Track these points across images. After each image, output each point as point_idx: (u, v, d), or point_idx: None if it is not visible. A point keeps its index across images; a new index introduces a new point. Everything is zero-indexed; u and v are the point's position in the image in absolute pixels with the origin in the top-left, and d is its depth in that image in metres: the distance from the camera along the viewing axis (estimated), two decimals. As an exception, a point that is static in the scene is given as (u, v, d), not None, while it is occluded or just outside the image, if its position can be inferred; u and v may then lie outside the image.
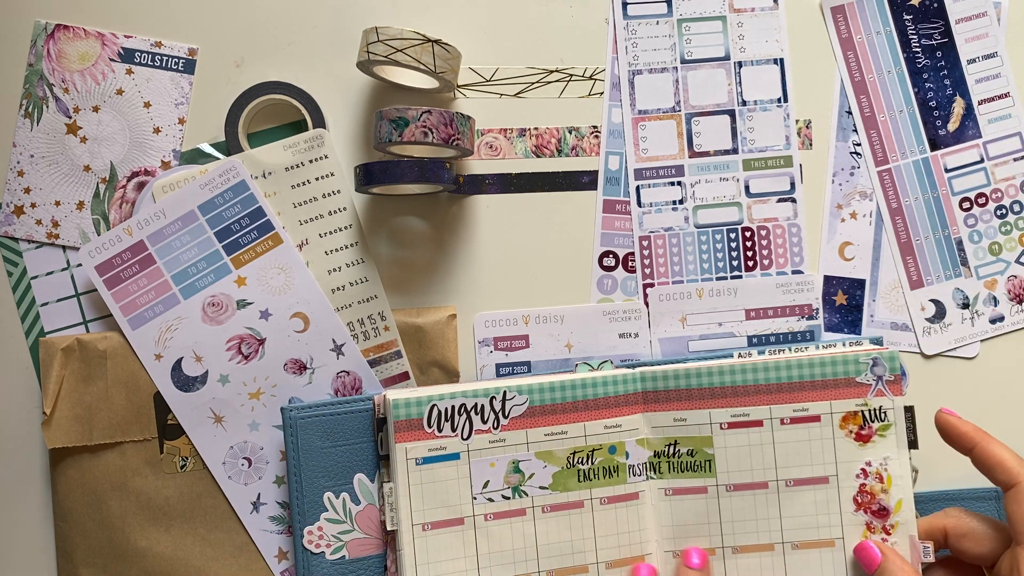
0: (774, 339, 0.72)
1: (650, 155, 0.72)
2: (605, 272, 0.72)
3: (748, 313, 0.72)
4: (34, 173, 0.70)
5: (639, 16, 0.72)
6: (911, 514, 0.66)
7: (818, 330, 0.72)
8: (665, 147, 0.72)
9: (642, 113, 0.72)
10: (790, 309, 0.72)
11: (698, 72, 0.72)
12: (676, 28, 0.72)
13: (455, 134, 0.64)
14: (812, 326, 0.72)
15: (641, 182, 0.72)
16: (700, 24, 0.72)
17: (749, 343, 0.72)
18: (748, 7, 0.72)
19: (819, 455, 0.66)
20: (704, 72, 0.72)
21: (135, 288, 0.67)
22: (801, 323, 0.72)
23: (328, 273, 0.69)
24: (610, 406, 0.66)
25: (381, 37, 0.63)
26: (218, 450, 0.68)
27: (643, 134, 0.72)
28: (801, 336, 0.72)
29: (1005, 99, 0.73)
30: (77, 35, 0.70)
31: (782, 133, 0.72)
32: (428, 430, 0.64)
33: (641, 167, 0.72)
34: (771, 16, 0.72)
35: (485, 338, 0.71)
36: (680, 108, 0.72)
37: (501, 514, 0.64)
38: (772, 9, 0.72)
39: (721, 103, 0.72)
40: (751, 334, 0.72)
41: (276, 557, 0.68)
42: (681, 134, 0.72)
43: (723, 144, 0.72)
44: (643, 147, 0.72)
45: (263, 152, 0.69)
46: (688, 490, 0.66)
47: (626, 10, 0.72)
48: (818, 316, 0.72)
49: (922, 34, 0.73)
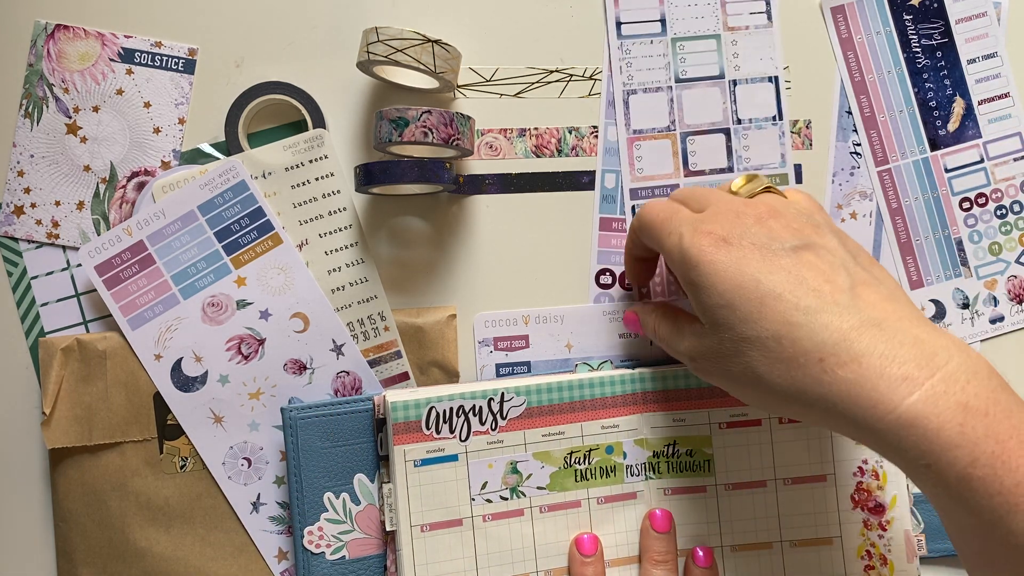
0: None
1: (645, 174, 0.72)
2: (602, 290, 0.72)
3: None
4: (34, 173, 0.70)
5: (633, 36, 0.72)
6: (905, 509, 0.66)
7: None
8: (660, 166, 0.72)
9: (637, 133, 0.72)
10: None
11: (692, 91, 0.72)
12: (670, 47, 0.72)
13: (455, 134, 0.64)
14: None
15: (636, 201, 0.72)
16: (694, 43, 0.72)
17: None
18: (742, 25, 0.72)
19: (817, 454, 0.67)
20: (699, 91, 0.72)
21: (135, 288, 0.67)
22: None
23: (328, 273, 0.69)
24: (608, 406, 0.66)
25: (381, 37, 0.63)
26: (218, 450, 0.68)
27: (638, 153, 0.72)
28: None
29: (1005, 99, 0.73)
30: (77, 35, 0.70)
31: (777, 151, 0.72)
32: (427, 432, 0.64)
33: (636, 186, 0.72)
34: (765, 34, 0.72)
35: (485, 338, 0.71)
36: (675, 127, 0.72)
37: (499, 515, 0.64)
38: (766, 27, 0.72)
39: (716, 122, 0.72)
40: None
41: (276, 557, 0.68)
42: (676, 153, 0.72)
43: (718, 163, 0.72)
44: (638, 166, 0.72)
45: (263, 152, 0.69)
46: (687, 489, 0.66)
47: (620, 30, 0.72)
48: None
49: (922, 34, 0.73)
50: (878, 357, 0.48)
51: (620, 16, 0.72)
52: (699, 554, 0.65)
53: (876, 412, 0.48)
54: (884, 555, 0.66)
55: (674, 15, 0.72)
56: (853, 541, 0.66)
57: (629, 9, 0.72)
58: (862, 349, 0.49)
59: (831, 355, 0.49)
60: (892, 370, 0.48)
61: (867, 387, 0.48)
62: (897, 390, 0.47)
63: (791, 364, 0.50)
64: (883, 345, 0.49)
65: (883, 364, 0.48)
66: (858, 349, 0.49)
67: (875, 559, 0.66)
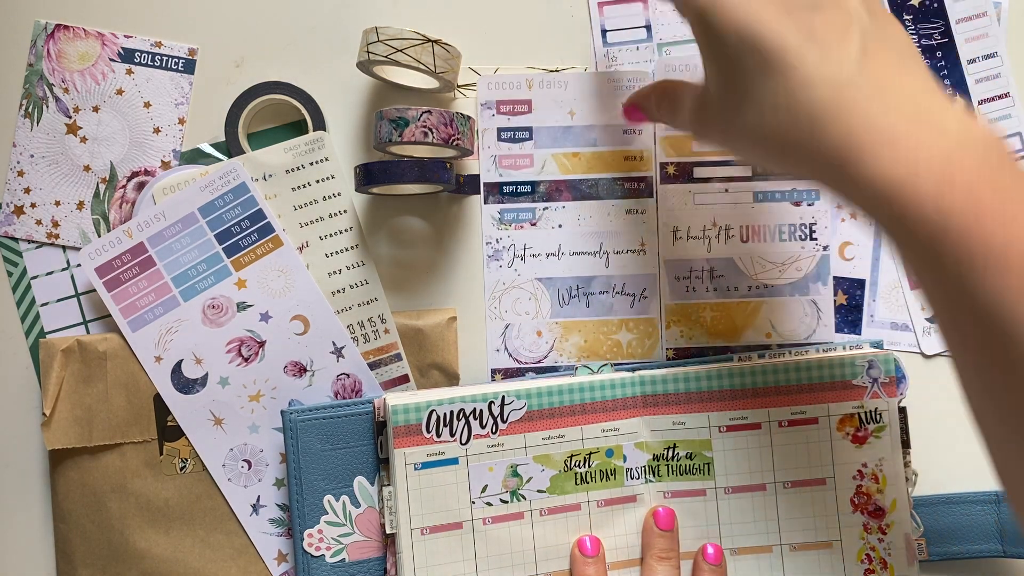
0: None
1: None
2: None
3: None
4: (34, 173, 0.70)
5: (619, 43, 0.72)
6: (905, 513, 0.66)
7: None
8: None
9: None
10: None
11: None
12: (656, 53, 0.72)
13: (455, 134, 0.64)
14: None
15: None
16: (680, 48, 0.72)
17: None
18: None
19: (816, 457, 0.67)
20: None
21: (135, 290, 0.67)
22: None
23: (328, 276, 0.69)
24: (608, 410, 0.66)
25: (381, 37, 0.63)
26: (218, 452, 0.68)
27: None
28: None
29: (1005, 99, 0.73)
30: (77, 35, 0.70)
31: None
32: (427, 435, 0.64)
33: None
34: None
35: (488, 100, 0.71)
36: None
37: (499, 518, 0.65)
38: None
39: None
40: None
41: (275, 559, 0.68)
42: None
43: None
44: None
45: (264, 154, 0.69)
46: (687, 493, 0.66)
47: (605, 37, 0.72)
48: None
49: (922, 34, 0.72)
50: (872, 117, 0.48)
51: (604, 24, 0.72)
52: (709, 551, 0.65)
53: (859, 172, 0.47)
54: (884, 559, 0.66)
55: (659, 20, 0.72)
56: (853, 545, 0.66)
57: (613, 17, 0.72)
58: (857, 109, 0.48)
59: (825, 111, 0.49)
60: (879, 135, 0.47)
61: (854, 148, 0.48)
62: (881, 155, 0.47)
63: (788, 117, 0.50)
64: (878, 107, 0.48)
65: (873, 126, 0.48)
66: (852, 108, 0.48)
67: (875, 563, 0.66)
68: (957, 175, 0.46)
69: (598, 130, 0.71)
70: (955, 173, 0.46)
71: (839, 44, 0.50)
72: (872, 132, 0.48)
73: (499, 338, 0.71)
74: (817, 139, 0.49)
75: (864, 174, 0.47)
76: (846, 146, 0.48)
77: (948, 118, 0.48)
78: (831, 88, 0.49)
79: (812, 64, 0.49)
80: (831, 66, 0.49)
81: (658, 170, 0.72)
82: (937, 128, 0.47)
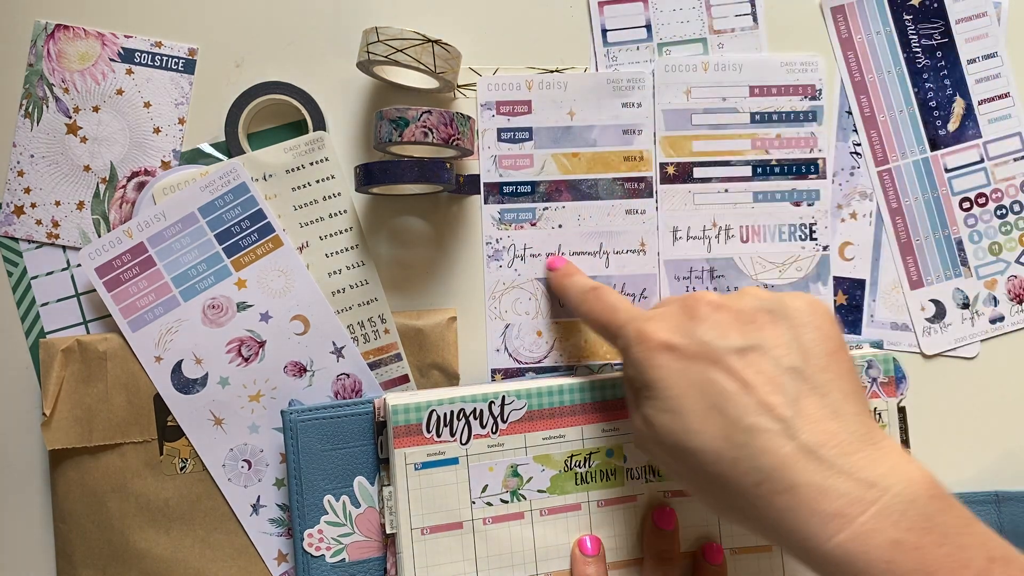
0: (776, 117, 0.72)
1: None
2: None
3: (752, 90, 0.72)
4: (34, 173, 0.70)
5: (619, 43, 0.72)
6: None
7: (820, 111, 0.72)
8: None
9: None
10: (794, 88, 0.72)
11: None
12: (656, 53, 0.72)
13: (455, 134, 0.64)
14: (815, 106, 0.72)
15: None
16: (680, 48, 0.72)
17: (752, 120, 0.71)
18: (728, 28, 0.72)
19: (817, 457, 0.67)
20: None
21: (135, 290, 0.67)
22: (804, 103, 0.72)
23: (328, 276, 0.69)
24: (608, 409, 0.66)
25: (381, 37, 0.63)
26: (218, 452, 0.68)
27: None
28: (803, 116, 0.72)
29: (1005, 99, 0.73)
30: (77, 35, 0.70)
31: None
32: (427, 435, 0.64)
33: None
34: (751, 36, 0.72)
35: (488, 101, 0.71)
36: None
37: (500, 518, 0.64)
38: (752, 29, 0.72)
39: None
40: (754, 111, 0.72)
41: (276, 559, 0.68)
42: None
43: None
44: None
45: (264, 154, 0.69)
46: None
47: (606, 37, 0.72)
48: (821, 97, 0.72)
49: (922, 34, 0.72)
50: (813, 489, 0.48)
51: (605, 24, 0.72)
52: (709, 551, 0.65)
53: (807, 544, 0.48)
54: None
55: (659, 20, 0.72)
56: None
57: (613, 17, 0.72)
58: (797, 479, 0.48)
59: (768, 480, 0.49)
60: (824, 505, 0.47)
61: (800, 519, 0.48)
62: (827, 526, 0.47)
63: (729, 482, 0.50)
64: (819, 476, 0.48)
65: (816, 497, 0.48)
66: (793, 479, 0.48)
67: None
68: (903, 537, 0.46)
69: (598, 130, 0.71)
70: (901, 536, 0.46)
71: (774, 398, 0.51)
72: (815, 505, 0.48)
73: (499, 338, 0.71)
74: (762, 508, 0.50)
75: (811, 546, 0.48)
76: (791, 517, 0.49)
77: (888, 474, 0.48)
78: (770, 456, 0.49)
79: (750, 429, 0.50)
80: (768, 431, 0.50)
81: (658, 170, 0.72)
82: (879, 489, 0.48)
